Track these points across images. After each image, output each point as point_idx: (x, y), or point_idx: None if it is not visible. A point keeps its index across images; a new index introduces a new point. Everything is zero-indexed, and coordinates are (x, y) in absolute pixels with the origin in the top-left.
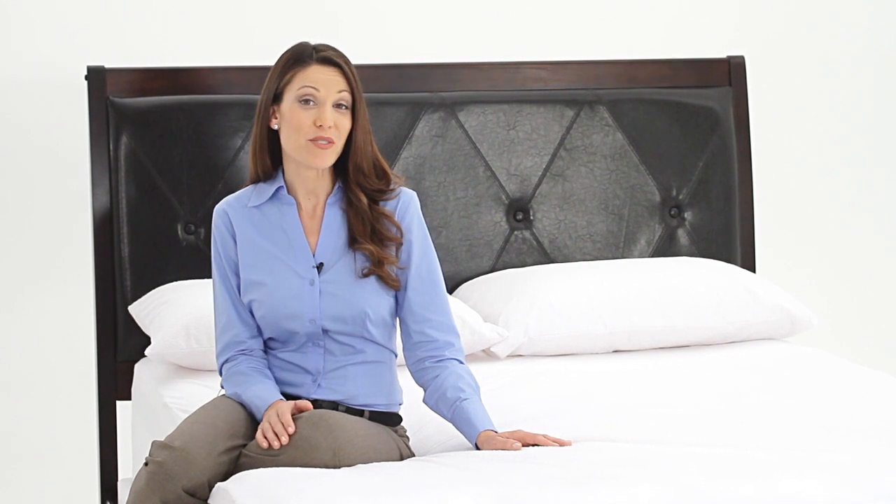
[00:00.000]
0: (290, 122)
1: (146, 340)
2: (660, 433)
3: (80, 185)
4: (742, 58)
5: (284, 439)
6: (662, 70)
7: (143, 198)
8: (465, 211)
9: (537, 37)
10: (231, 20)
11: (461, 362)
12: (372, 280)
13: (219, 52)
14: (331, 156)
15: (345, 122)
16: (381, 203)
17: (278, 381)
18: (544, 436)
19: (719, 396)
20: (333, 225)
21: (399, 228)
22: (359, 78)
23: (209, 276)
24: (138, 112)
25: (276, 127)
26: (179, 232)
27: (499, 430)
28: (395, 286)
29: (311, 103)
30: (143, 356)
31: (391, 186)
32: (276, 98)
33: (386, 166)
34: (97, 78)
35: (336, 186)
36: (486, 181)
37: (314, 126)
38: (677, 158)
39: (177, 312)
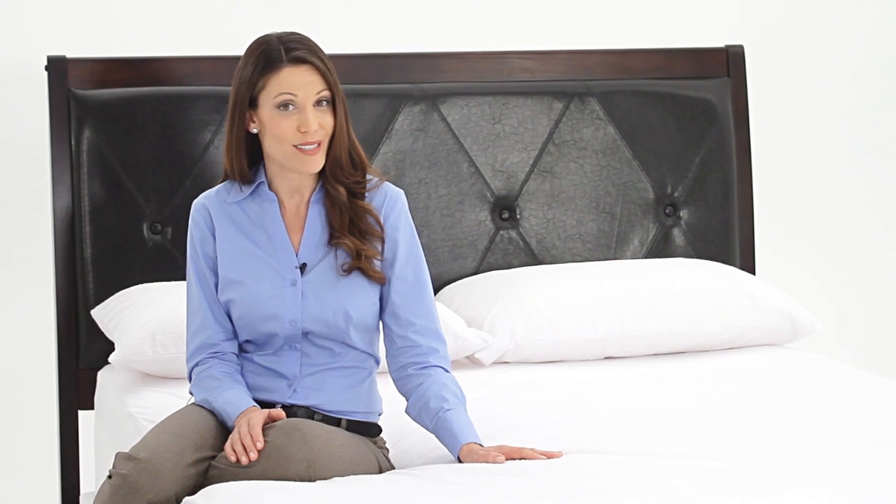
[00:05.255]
0: (273, 131)
1: (110, 347)
2: (653, 445)
3: (41, 182)
4: (741, 47)
5: (253, 455)
6: (657, 60)
7: (106, 195)
8: (448, 209)
9: (524, 25)
10: (200, 7)
11: (446, 370)
12: (355, 278)
13: (187, 41)
14: (319, 159)
15: (328, 120)
16: (367, 198)
17: (252, 387)
18: (531, 449)
19: (717, 406)
20: (317, 223)
21: (379, 223)
22: (334, 68)
23: (176, 278)
24: (102, 105)
25: (255, 131)
26: (145, 231)
27: (483, 443)
28: (379, 279)
29: (291, 108)
30: (107, 363)
31: (367, 177)
32: (252, 103)
33: (362, 155)
34: (58, 69)
35: (319, 183)
36: (470, 178)
37: (298, 132)
38: (672, 154)
39: (142, 317)
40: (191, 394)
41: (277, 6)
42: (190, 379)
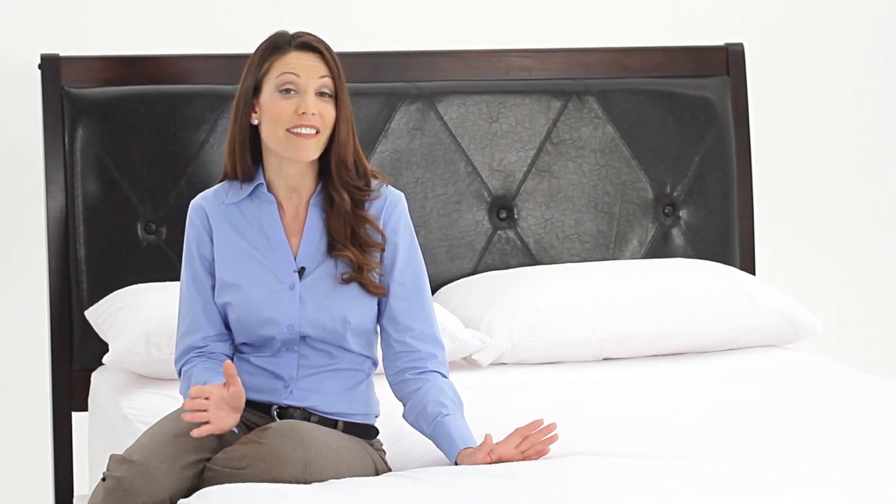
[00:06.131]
0: (270, 112)
1: (104, 347)
2: (652, 446)
3: (34, 182)
4: (741, 45)
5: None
6: (656, 58)
7: (100, 195)
8: (445, 209)
9: (522, 23)
10: (196, 6)
11: (444, 376)
12: (354, 286)
13: (182, 40)
14: (314, 147)
15: (329, 111)
16: (366, 203)
17: (248, 387)
18: (520, 432)
19: (716, 407)
20: (316, 227)
21: (382, 234)
22: (341, 66)
23: (171, 279)
24: (96, 103)
25: (256, 122)
26: (139, 232)
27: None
28: (379, 293)
29: (292, 92)
30: (101, 364)
31: (371, 185)
32: (256, 91)
33: (366, 162)
34: (51, 67)
35: (319, 186)
36: (468, 177)
37: (296, 114)
38: (672, 153)
39: (136, 318)
40: (182, 394)
41: (273, 4)
42: (179, 378)
